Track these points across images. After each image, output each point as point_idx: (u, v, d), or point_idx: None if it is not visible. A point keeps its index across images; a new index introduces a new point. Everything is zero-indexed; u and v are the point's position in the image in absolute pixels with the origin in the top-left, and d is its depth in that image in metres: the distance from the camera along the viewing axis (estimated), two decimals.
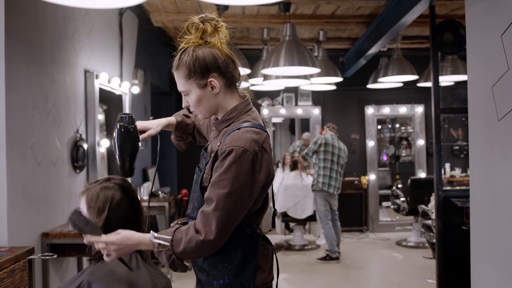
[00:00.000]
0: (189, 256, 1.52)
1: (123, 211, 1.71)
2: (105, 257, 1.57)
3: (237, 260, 1.59)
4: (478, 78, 2.51)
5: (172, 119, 1.93)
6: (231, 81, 1.64)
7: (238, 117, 1.63)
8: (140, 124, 1.83)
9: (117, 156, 1.76)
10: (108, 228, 1.64)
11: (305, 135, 7.98)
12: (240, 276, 1.59)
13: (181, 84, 1.64)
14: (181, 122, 1.94)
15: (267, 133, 1.62)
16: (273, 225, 1.87)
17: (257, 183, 1.53)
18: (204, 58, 1.58)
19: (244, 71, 1.80)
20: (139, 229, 1.73)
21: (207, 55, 1.59)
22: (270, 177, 1.61)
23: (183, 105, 1.69)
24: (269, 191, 1.70)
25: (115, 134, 1.75)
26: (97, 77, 4.20)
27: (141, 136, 1.82)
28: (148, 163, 6.34)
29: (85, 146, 4.03)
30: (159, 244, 1.52)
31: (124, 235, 1.55)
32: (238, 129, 1.57)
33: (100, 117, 4.51)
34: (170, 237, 1.51)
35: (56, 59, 3.59)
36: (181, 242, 1.49)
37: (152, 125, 1.87)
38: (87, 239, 1.59)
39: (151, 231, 1.55)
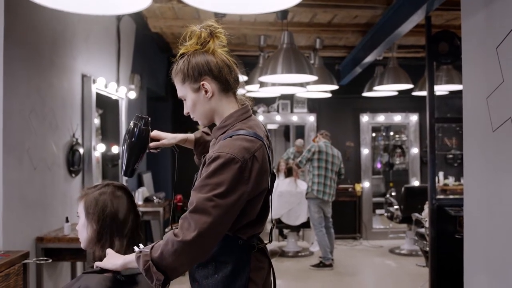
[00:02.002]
0: (164, 262, 1.42)
1: (122, 217, 1.71)
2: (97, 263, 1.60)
3: (227, 272, 1.56)
4: (473, 89, 2.54)
5: (190, 135, 1.92)
6: (225, 85, 1.63)
7: (233, 125, 1.61)
8: (156, 132, 1.85)
9: (122, 153, 1.76)
10: (106, 233, 1.66)
11: (298, 141, 8.00)
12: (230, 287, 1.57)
13: (178, 89, 1.66)
14: (200, 139, 1.92)
15: (264, 142, 1.58)
16: (270, 239, 1.82)
17: (244, 193, 1.47)
18: (196, 62, 1.60)
19: (241, 77, 1.80)
20: (136, 233, 1.75)
21: (199, 59, 1.61)
22: (262, 187, 1.55)
23: (184, 112, 1.69)
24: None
25: (126, 131, 1.77)
26: (94, 81, 4.21)
27: (154, 144, 1.82)
28: (143, 168, 6.34)
29: (81, 150, 4.03)
30: (140, 251, 1.48)
31: (115, 254, 1.60)
32: (231, 137, 1.55)
33: (96, 121, 4.51)
34: (152, 245, 1.48)
35: (54, 64, 3.59)
36: (159, 247, 1.44)
37: (167, 137, 1.87)
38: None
39: (140, 245, 1.56)
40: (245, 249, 1.60)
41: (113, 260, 1.56)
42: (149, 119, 1.79)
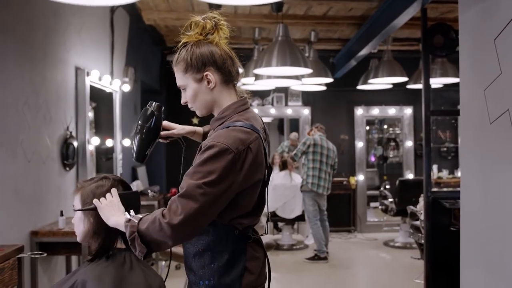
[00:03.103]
0: (149, 237, 1.46)
1: None
2: (95, 200, 1.64)
3: (223, 261, 1.58)
4: (471, 81, 2.54)
5: (199, 128, 1.95)
6: (227, 77, 1.64)
7: (230, 116, 1.62)
8: (165, 122, 1.88)
9: (135, 138, 1.78)
10: (100, 224, 1.64)
11: (293, 135, 7.99)
12: (225, 277, 1.58)
13: (179, 78, 1.65)
14: (208, 132, 1.91)
15: (260, 135, 1.59)
16: (266, 231, 1.85)
17: (233, 183, 1.49)
18: (201, 53, 1.60)
19: (241, 70, 1.80)
20: None
21: (204, 50, 1.61)
22: (255, 178, 1.57)
23: (182, 101, 1.68)
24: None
25: (139, 117, 1.79)
26: (88, 74, 4.18)
27: (165, 133, 1.86)
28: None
29: (75, 143, 4.00)
30: (129, 219, 1.51)
31: (120, 207, 1.62)
32: (227, 127, 1.56)
33: (90, 114, 4.48)
34: (141, 216, 1.52)
35: (47, 56, 3.56)
36: (147, 221, 1.47)
37: (177, 127, 1.91)
38: None
39: (132, 211, 1.59)
40: (241, 239, 1.61)
41: (108, 212, 1.60)
42: (162, 106, 1.81)
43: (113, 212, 1.60)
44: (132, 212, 1.58)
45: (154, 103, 1.80)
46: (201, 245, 1.60)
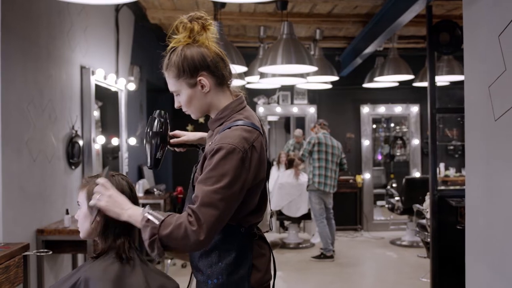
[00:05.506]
0: (170, 243, 1.44)
1: None
2: (92, 200, 1.59)
3: (231, 259, 1.59)
4: (475, 78, 2.52)
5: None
6: (221, 79, 1.63)
7: (230, 116, 1.62)
8: (177, 131, 1.93)
9: (146, 145, 1.82)
10: (108, 223, 1.65)
11: (297, 131, 7.97)
12: (234, 275, 1.58)
13: (171, 84, 1.64)
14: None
15: (261, 132, 1.60)
16: (271, 227, 1.87)
17: (245, 181, 1.50)
18: (192, 57, 1.58)
19: (235, 69, 1.80)
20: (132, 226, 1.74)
21: (195, 54, 1.58)
22: (261, 176, 1.58)
23: (175, 105, 1.68)
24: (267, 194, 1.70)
25: (147, 124, 1.83)
26: (93, 73, 4.19)
27: (175, 140, 1.91)
28: (142, 160, 6.32)
29: (81, 142, 4.01)
30: (148, 219, 1.47)
31: (123, 198, 1.58)
32: (229, 128, 1.56)
33: (96, 113, 4.50)
34: (162, 218, 1.47)
35: (52, 55, 3.57)
36: (170, 225, 1.44)
37: (188, 134, 1.94)
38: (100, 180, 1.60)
39: (147, 206, 1.53)
40: (247, 237, 1.62)
41: (118, 209, 1.55)
42: (166, 112, 1.85)
43: (122, 206, 1.55)
44: (147, 207, 1.52)
45: (157, 110, 1.85)
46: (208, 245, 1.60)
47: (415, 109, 8.17)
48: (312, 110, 8.22)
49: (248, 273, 1.60)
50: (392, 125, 9.07)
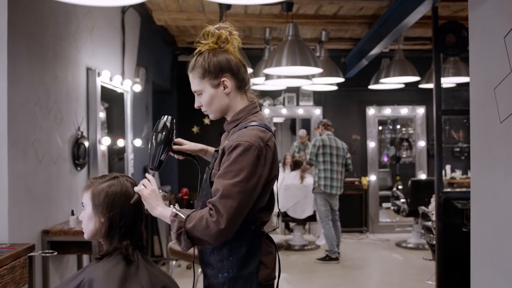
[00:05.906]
0: (195, 234, 1.58)
1: (129, 210, 1.71)
2: (137, 187, 1.74)
3: (241, 254, 1.68)
4: (481, 79, 2.51)
5: (211, 148, 2.05)
6: (241, 83, 1.78)
7: (245, 118, 1.76)
8: (179, 139, 1.99)
9: (150, 146, 1.87)
10: (112, 225, 1.66)
11: (301, 132, 7.96)
12: (244, 269, 1.68)
13: (195, 84, 1.76)
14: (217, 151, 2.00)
15: (272, 133, 1.73)
16: (278, 226, 2.01)
17: (261, 177, 1.62)
18: (218, 60, 1.73)
19: (252, 76, 1.90)
20: (140, 226, 1.77)
21: (221, 57, 1.74)
22: (273, 174, 1.70)
23: (196, 105, 1.79)
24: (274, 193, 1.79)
25: (155, 126, 1.89)
26: (99, 74, 4.20)
27: (177, 147, 1.96)
28: (147, 162, 6.34)
29: (86, 143, 4.03)
30: (176, 214, 1.62)
31: (160, 196, 1.73)
32: (246, 127, 1.69)
33: (102, 115, 4.51)
34: (188, 213, 1.62)
35: (58, 56, 3.59)
36: (194, 219, 1.58)
37: (189, 143, 2.01)
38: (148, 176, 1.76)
39: (176, 204, 1.71)
40: (257, 234, 1.73)
41: (154, 202, 1.70)
42: (173, 118, 1.91)
43: (158, 202, 1.70)
44: (177, 205, 1.67)
45: (167, 115, 1.91)
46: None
47: (421, 110, 8.14)
48: (317, 111, 8.21)
49: (257, 268, 1.69)
50: (398, 126, 9.05)
